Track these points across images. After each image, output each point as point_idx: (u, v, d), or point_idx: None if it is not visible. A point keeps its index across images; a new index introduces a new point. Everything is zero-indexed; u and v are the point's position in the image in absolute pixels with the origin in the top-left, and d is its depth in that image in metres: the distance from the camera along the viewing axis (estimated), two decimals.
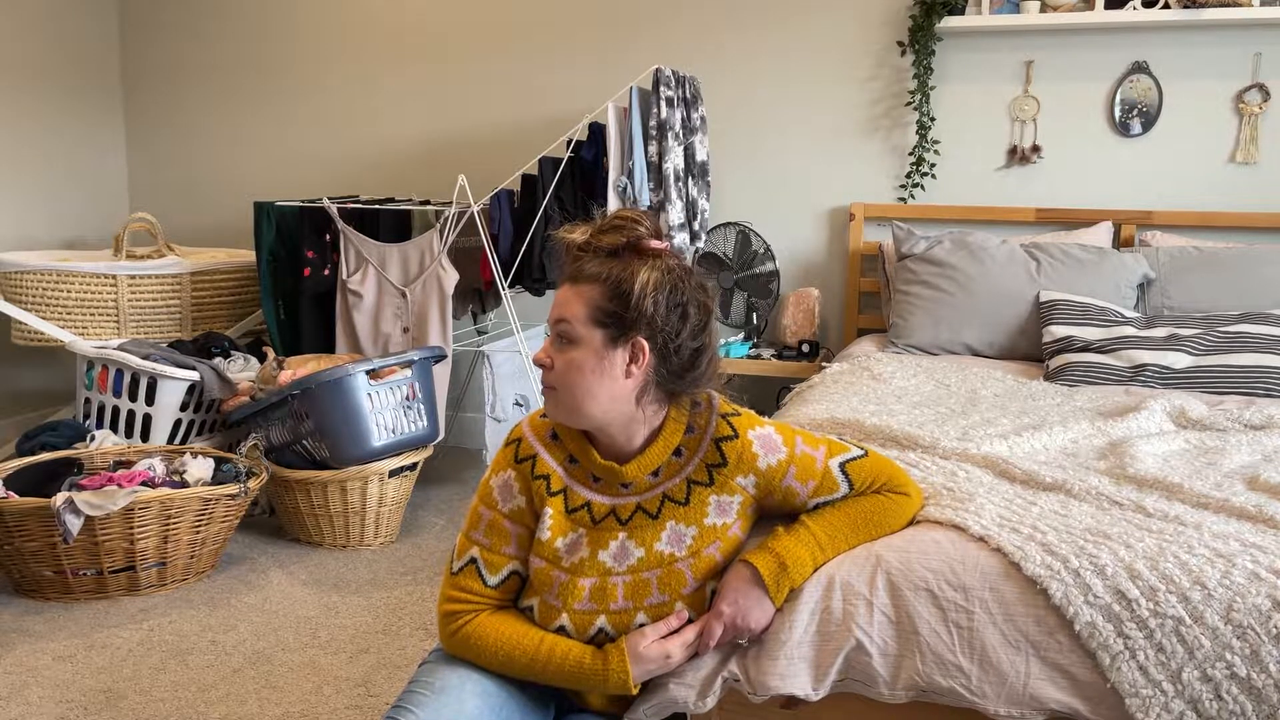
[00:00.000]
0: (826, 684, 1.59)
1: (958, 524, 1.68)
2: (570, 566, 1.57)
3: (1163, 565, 1.54)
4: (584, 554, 1.57)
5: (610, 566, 1.57)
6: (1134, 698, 1.47)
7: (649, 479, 1.59)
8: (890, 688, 1.58)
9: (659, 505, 1.58)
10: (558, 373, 1.52)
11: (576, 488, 1.60)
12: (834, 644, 1.59)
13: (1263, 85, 3.57)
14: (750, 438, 1.60)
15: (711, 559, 1.58)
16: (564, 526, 1.59)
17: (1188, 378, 2.87)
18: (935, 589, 1.58)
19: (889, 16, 3.86)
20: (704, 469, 1.59)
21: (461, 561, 1.62)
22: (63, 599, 2.87)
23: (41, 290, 3.75)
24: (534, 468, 1.61)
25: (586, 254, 1.53)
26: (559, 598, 1.56)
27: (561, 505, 1.59)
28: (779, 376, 3.95)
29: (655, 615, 1.56)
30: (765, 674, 1.57)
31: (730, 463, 1.59)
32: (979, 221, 3.83)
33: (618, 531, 1.58)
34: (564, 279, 1.54)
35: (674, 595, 1.56)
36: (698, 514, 1.58)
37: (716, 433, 1.59)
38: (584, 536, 1.58)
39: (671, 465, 1.59)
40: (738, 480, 1.59)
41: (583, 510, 1.59)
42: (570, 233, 1.55)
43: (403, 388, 3.31)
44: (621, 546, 1.57)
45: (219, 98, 4.69)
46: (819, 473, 1.61)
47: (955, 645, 1.55)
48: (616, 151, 3.50)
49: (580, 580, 1.56)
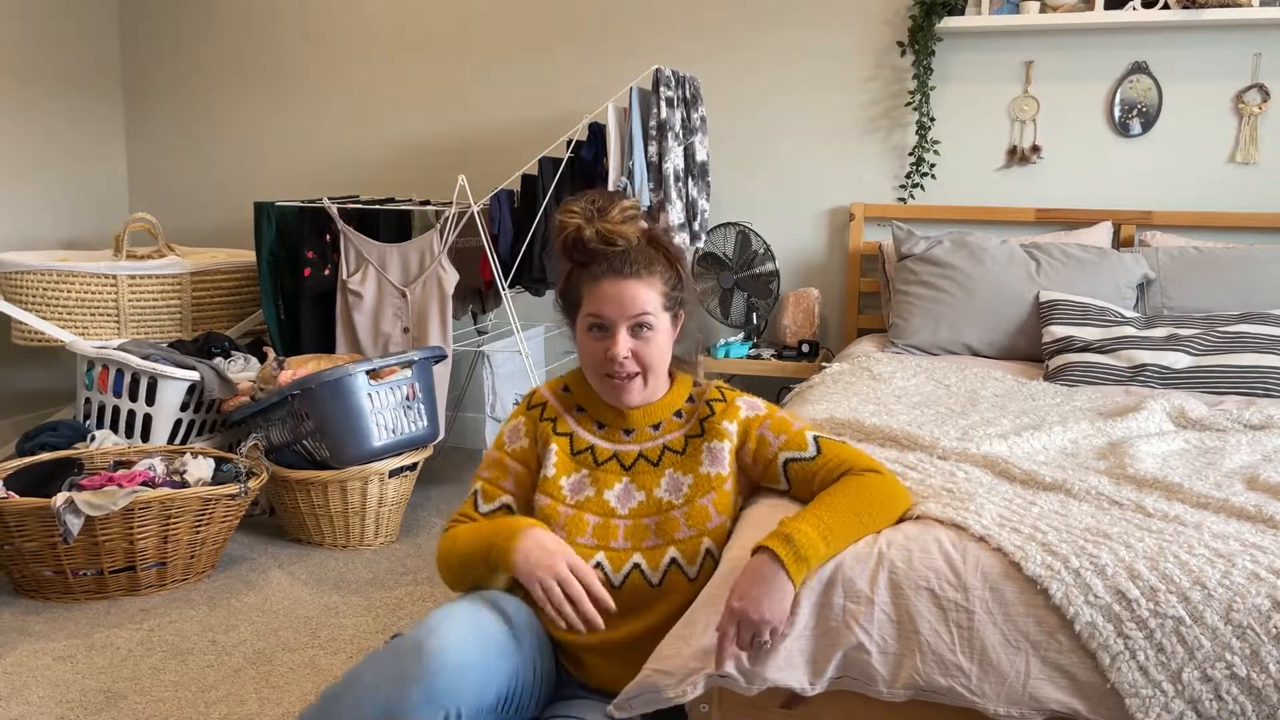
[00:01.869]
0: (824, 680, 1.59)
1: (958, 523, 1.68)
2: (577, 503, 1.71)
3: (1163, 565, 1.54)
4: (590, 493, 1.71)
5: (614, 507, 1.70)
6: (1134, 698, 1.47)
7: (650, 430, 1.75)
8: (889, 686, 1.58)
9: (660, 454, 1.73)
10: (645, 361, 1.68)
11: (581, 432, 1.76)
12: (833, 640, 1.59)
13: (1262, 85, 3.57)
14: (738, 401, 1.79)
15: (705, 510, 1.69)
16: (569, 466, 1.74)
17: (1187, 378, 2.87)
18: (936, 588, 1.58)
19: (889, 16, 3.87)
20: (697, 424, 1.76)
21: (469, 493, 1.82)
22: (63, 599, 2.87)
23: (42, 290, 3.75)
24: (544, 412, 1.79)
25: (631, 247, 1.67)
26: (564, 529, 1.69)
27: (567, 445, 1.75)
28: (779, 376, 3.95)
29: (649, 558, 1.67)
30: (761, 665, 1.57)
31: (718, 414, 1.76)
32: (979, 221, 3.84)
33: (622, 475, 1.72)
34: (619, 274, 1.66)
35: (668, 540, 1.68)
36: (692, 462, 1.72)
37: (710, 396, 1.79)
38: (588, 477, 1.73)
39: (672, 424, 1.76)
40: (723, 424, 1.74)
41: (586, 453, 1.74)
42: (584, 224, 1.67)
43: (403, 388, 3.31)
44: (625, 489, 1.71)
45: (219, 98, 4.69)
46: (791, 431, 1.74)
47: (955, 644, 1.56)
48: (616, 151, 3.50)
49: (586, 515, 1.70)
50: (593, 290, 1.67)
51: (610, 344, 1.67)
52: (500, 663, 1.51)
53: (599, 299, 1.66)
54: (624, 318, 1.66)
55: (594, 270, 1.68)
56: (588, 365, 1.72)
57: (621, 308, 1.65)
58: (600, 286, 1.66)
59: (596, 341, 1.69)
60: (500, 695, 1.51)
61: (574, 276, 1.72)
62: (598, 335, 1.68)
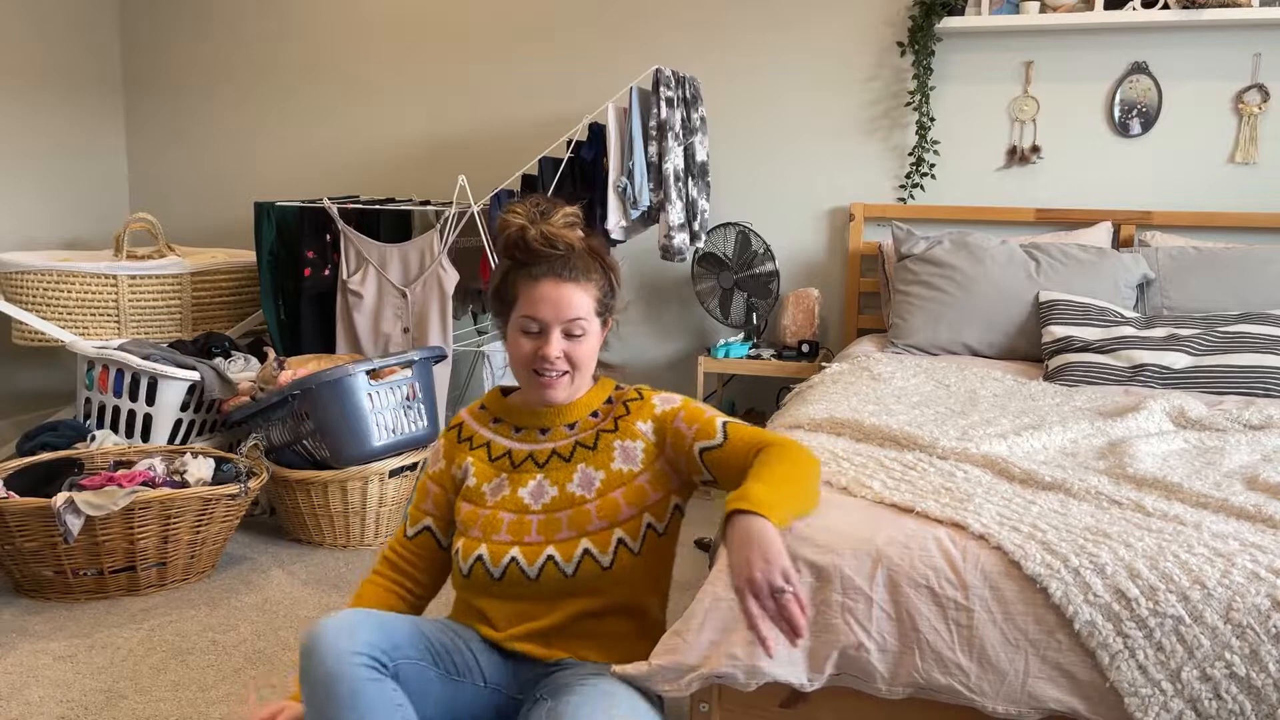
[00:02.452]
0: (822, 677, 1.60)
1: (958, 521, 1.68)
2: (494, 504, 1.77)
3: (1162, 564, 1.54)
4: (506, 492, 1.78)
5: (528, 504, 1.75)
6: (1133, 697, 1.47)
7: (565, 429, 1.80)
8: (889, 684, 1.58)
9: (571, 450, 1.79)
10: (575, 361, 1.74)
11: (498, 439, 1.83)
12: (832, 637, 1.59)
13: (1262, 85, 3.57)
14: (654, 399, 1.83)
15: (615, 503, 1.74)
16: (488, 472, 1.81)
17: (1187, 378, 2.87)
18: (935, 586, 1.58)
19: (889, 16, 3.87)
20: (612, 420, 1.81)
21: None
22: (63, 599, 2.87)
23: (42, 290, 3.75)
24: (460, 432, 1.88)
25: (571, 252, 1.73)
26: (480, 529, 1.75)
27: (485, 455, 1.83)
28: (779, 376, 3.95)
29: (562, 550, 1.70)
30: (760, 660, 1.57)
31: (633, 412, 1.81)
32: (978, 222, 3.84)
33: (535, 473, 1.78)
34: (558, 277, 1.72)
35: (580, 532, 1.72)
36: (604, 458, 1.77)
37: (627, 397, 1.84)
38: (506, 479, 1.79)
39: (587, 423, 1.81)
40: (638, 425, 1.79)
41: (504, 457, 1.81)
42: (528, 225, 1.71)
43: (403, 388, 3.31)
44: (538, 485, 1.77)
45: (220, 98, 4.69)
46: (703, 420, 1.77)
47: (954, 643, 1.56)
48: (616, 152, 3.50)
49: (501, 513, 1.76)
50: (530, 291, 1.72)
51: (543, 344, 1.72)
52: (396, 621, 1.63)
53: (536, 300, 1.72)
54: (559, 320, 1.72)
55: (533, 271, 1.73)
56: (517, 361, 1.77)
57: (558, 310, 1.71)
58: (539, 287, 1.72)
59: (529, 340, 1.74)
60: (406, 641, 1.60)
61: (511, 276, 1.76)
62: (531, 335, 1.73)
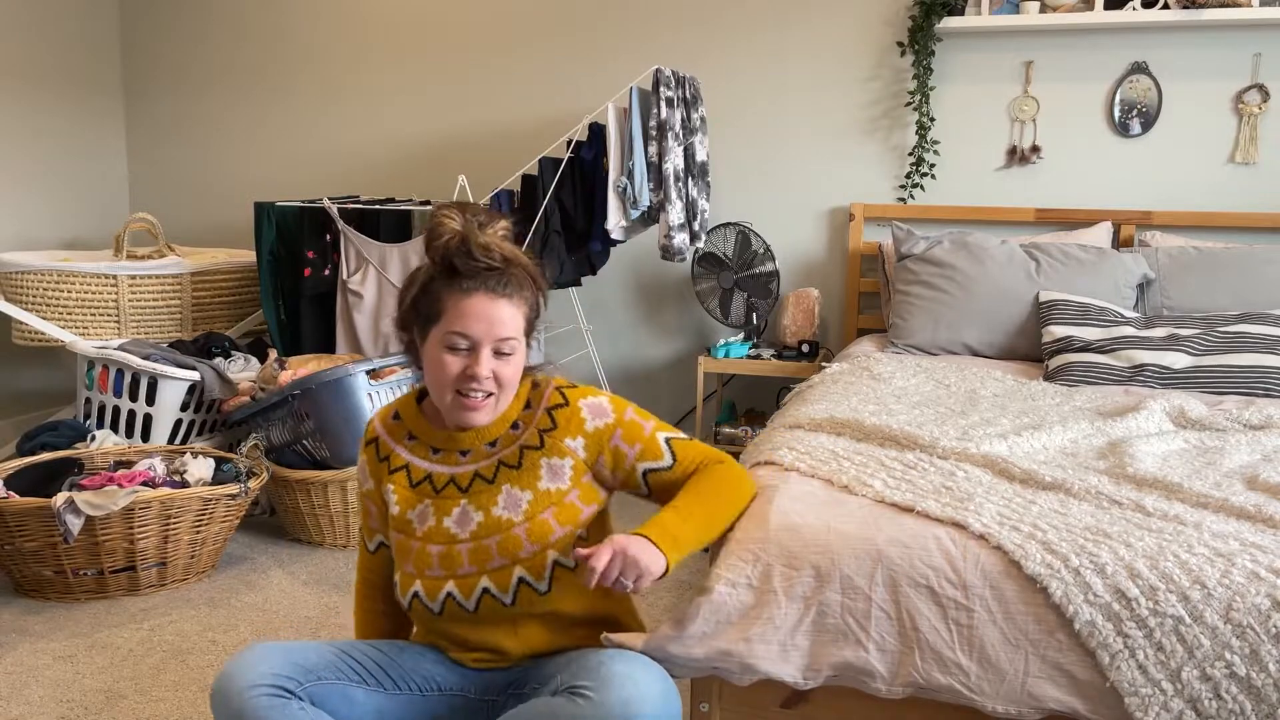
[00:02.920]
0: (819, 677, 1.60)
1: (958, 521, 1.68)
2: (421, 535, 1.67)
3: (1162, 564, 1.54)
4: (431, 523, 1.67)
5: (455, 533, 1.66)
6: (1133, 697, 1.47)
7: (486, 448, 1.69)
8: (888, 684, 1.58)
9: (494, 471, 1.67)
10: (503, 381, 1.63)
11: (417, 462, 1.71)
12: (831, 637, 1.59)
13: (1262, 85, 3.57)
14: (580, 405, 1.70)
15: (546, 524, 1.64)
16: (410, 499, 1.70)
17: (1187, 378, 2.87)
18: (935, 586, 1.58)
19: (889, 16, 3.87)
20: (536, 434, 1.69)
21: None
22: (63, 599, 2.87)
23: (42, 290, 3.75)
24: (378, 450, 1.75)
25: (507, 266, 1.61)
26: (413, 564, 1.67)
27: (405, 480, 1.71)
28: (779, 376, 3.95)
29: (496, 580, 1.63)
30: (757, 658, 1.57)
31: (560, 425, 1.69)
32: (978, 222, 3.84)
33: (459, 498, 1.67)
34: (492, 292, 1.60)
35: (512, 559, 1.63)
36: (530, 477, 1.67)
37: (549, 402, 1.70)
38: (430, 506, 1.68)
39: (509, 437, 1.69)
40: (566, 442, 1.68)
41: (425, 482, 1.70)
42: (468, 234, 1.59)
43: (403, 388, 3.31)
44: (463, 512, 1.66)
45: (220, 98, 4.69)
46: (645, 439, 1.70)
47: (954, 643, 1.56)
48: (616, 152, 3.50)
49: (430, 547, 1.66)
50: (460, 305, 1.59)
51: (472, 363, 1.59)
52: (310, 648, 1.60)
53: (466, 315, 1.58)
54: (490, 338, 1.59)
55: (463, 284, 1.59)
56: (439, 381, 1.62)
57: (490, 328, 1.59)
58: (470, 302, 1.59)
59: (455, 359, 1.60)
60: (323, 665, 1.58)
61: (436, 286, 1.62)
62: (459, 353, 1.60)
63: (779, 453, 2.07)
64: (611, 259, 4.06)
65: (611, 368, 4.30)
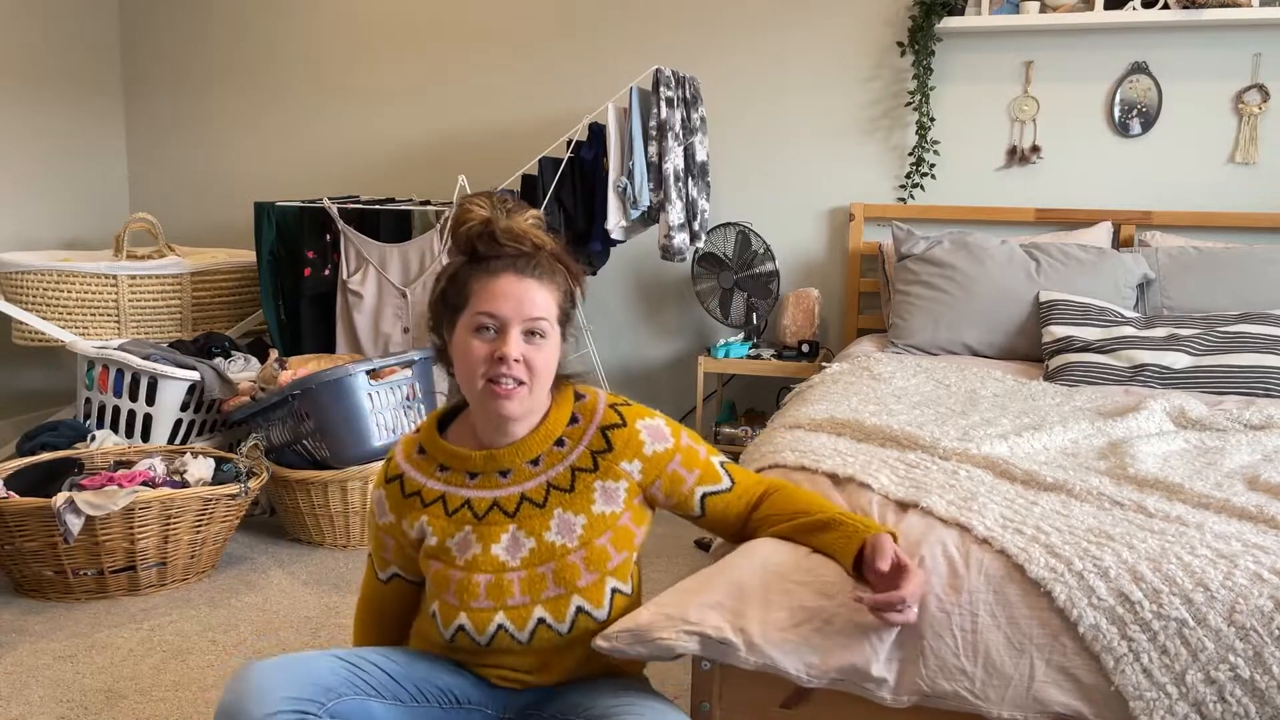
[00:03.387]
0: (824, 679, 1.59)
1: (962, 523, 1.68)
2: (465, 564, 1.56)
3: (1166, 567, 1.54)
4: (476, 550, 1.56)
5: (504, 560, 1.55)
6: (1138, 700, 1.47)
7: (528, 467, 1.59)
8: (894, 693, 1.57)
9: (545, 494, 1.58)
10: (534, 369, 1.53)
11: (453, 490, 1.60)
12: (834, 644, 1.59)
13: (1262, 85, 3.58)
14: (639, 426, 1.62)
15: (604, 550, 1.56)
16: (449, 528, 1.58)
17: (1187, 378, 2.87)
18: (939, 591, 1.58)
19: (889, 16, 3.87)
20: (589, 456, 1.59)
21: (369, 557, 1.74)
22: (63, 599, 2.87)
23: (42, 290, 3.75)
24: (403, 487, 1.63)
25: (537, 251, 1.56)
26: (456, 596, 1.55)
27: (441, 511, 1.60)
28: (779, 376, 3.95)
29: (553, 610, 1.54)
30: (767, 640, 1.54)
31: (616, 448, 1.60)
32: (979, 222, 3.84)
33: (507, 524, 1.57)
34: (520, 273, 1.53)
35: (570, 589, 1.54)
36: (584, 501, 1.58)
37: (604, 421, 1.61)
38: (471, 533, 1.57)
39: (553, 455, 1.59)
40: (623, 465, 1.59)
41: (464, 509, 1.59)
42: (494, 219, 1.53)
43: (403, 388, 3.31)
44: (513, 538, 1.56)
45: (220, 98, 4.68)
46: (702, 463, 1.64)
47: (959, 649, 1.55)
48: (616, 152, 3.50)
49: (476, 577, 1.55)
50: (487, 286, 1.52)
51: (501, 344, 1.51)
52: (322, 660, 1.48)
53: (494, 296, 1.51)
54: (519, 318, 1.51)
55: (492, 266, 1.53)
56: (468, 370, 1.54)
57: (519, 307, 1.51)
58: (497, 282, 1.52)
59: (484, 342, 1.52)
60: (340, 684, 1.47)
61: (463, 274, 1.56)
62: (487, 336, 1.52)
63: (781, 455, 2.07)
64: (611, 259, 4.06)
65: (611, 368, 4.29)
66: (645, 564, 3.13)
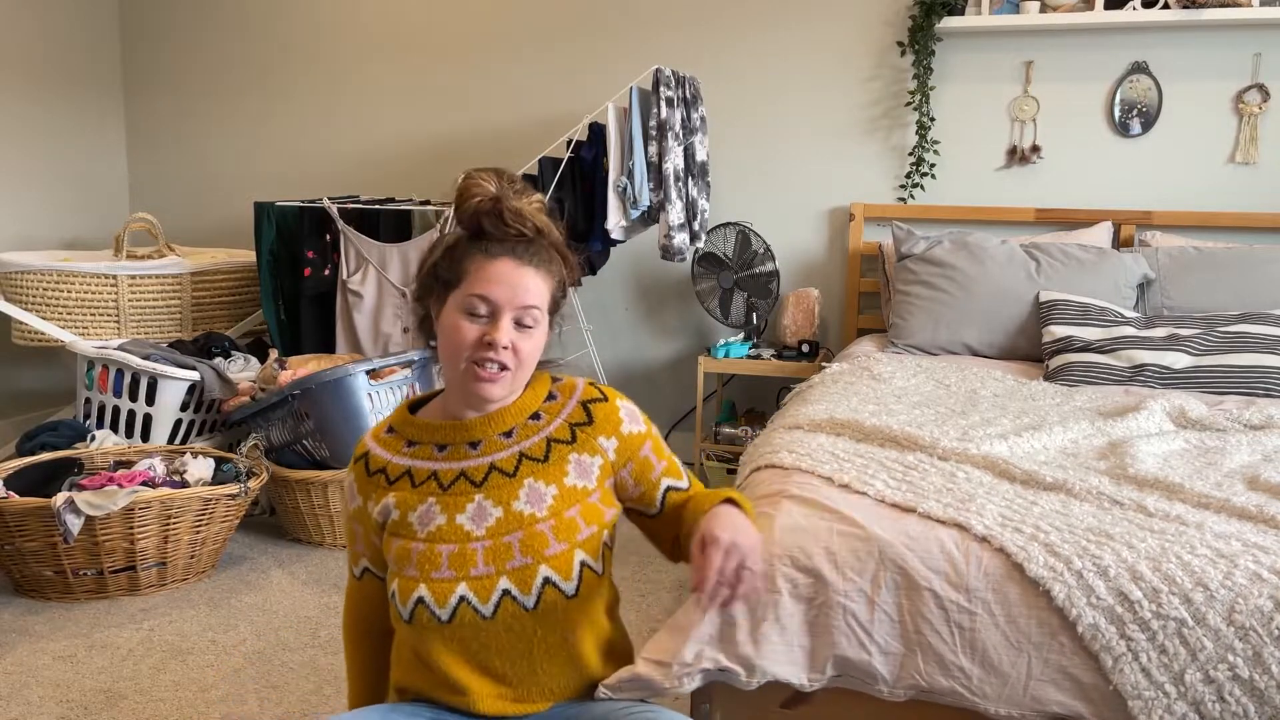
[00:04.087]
0: (823, 678, 1.59)
1: (960, 523, 1.68)
2: (427, 535, 1.51)
3: (1165, 566, 1.54)
4: (440, 521, 1.51)
5: (469, 530, 1.50)
6: (1137, 700, 1.47)
7: (500, 438, 1.55)
8: (890, 687, 1.58)
9: (516, 463, 1.54)
10: (521, 356, 1.51)
11: (419, 464, 1.56)
12: (833, 639, 1.59)
13: (1262, 85, 3.57)
14: (618, 405, 1.59)
15: (573, 521, 1.51)
16: (411, 501, 1.53)
17: (1187, 378, 2.87)
18: (938, 589, 1.58)
19: (889, 16, 3.87)
20: (567, 427, 1.56)
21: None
22: (63, 599, 2.87)
23: (42, 290, 3.75)
24: (368, 465, 1.59)
25: (538, 237, 1.53)
26: (416, 567, 1.49)
27: (407, 485, 1.55)
28: (779, 376, 3.95)
29: (519, 580, 1.47)
30: (762, 659, 1.57)
31: (596, 422, 1.57)
32: (979, 222, 3.84)
33: (473, 494, 1.52)
34: (518, 259, 1.50)
35: (537, 558, 1.48)
36: (557, 472, 1.53)
37: (584, 395, 1.59)
38: (435, 504, 1.52)
39: (528, 427, 1.56)
40: (600, 440, 1.56)
41: (429, 480, 1.54)
42: (501, 197, 1.50)
43: (403, 388, 3.31)
44: (479, 507, 1.51)
45: (219, 98, 4.68)
46: (667, 456, 1.61)
47: (957, 645, 1.56)
48: (616, 152, 3.50)
49: (438, 547, 1.49)
50: (484, 268, 1.48)
51: (492, 329, 1.48)
52: None
53: (489, 279, 1.48)
54: (512, 305, 1.48)
55: (491, 249, 1.50)
56: (453, 349, 1.50)
57: (514, 293, 1.48)
58: (494, 266, 1.48)
59: (473, 325, 1.48)
60: None
61: (460, 249, 1.52)
62: (477, 318, 1.49)
63: (779, 455, 2.07)
64: (611, 259, 4.06)
65: (611, 368, 4.29)
66: (645, 563, 3.13)
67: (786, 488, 1.89)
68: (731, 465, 3.77)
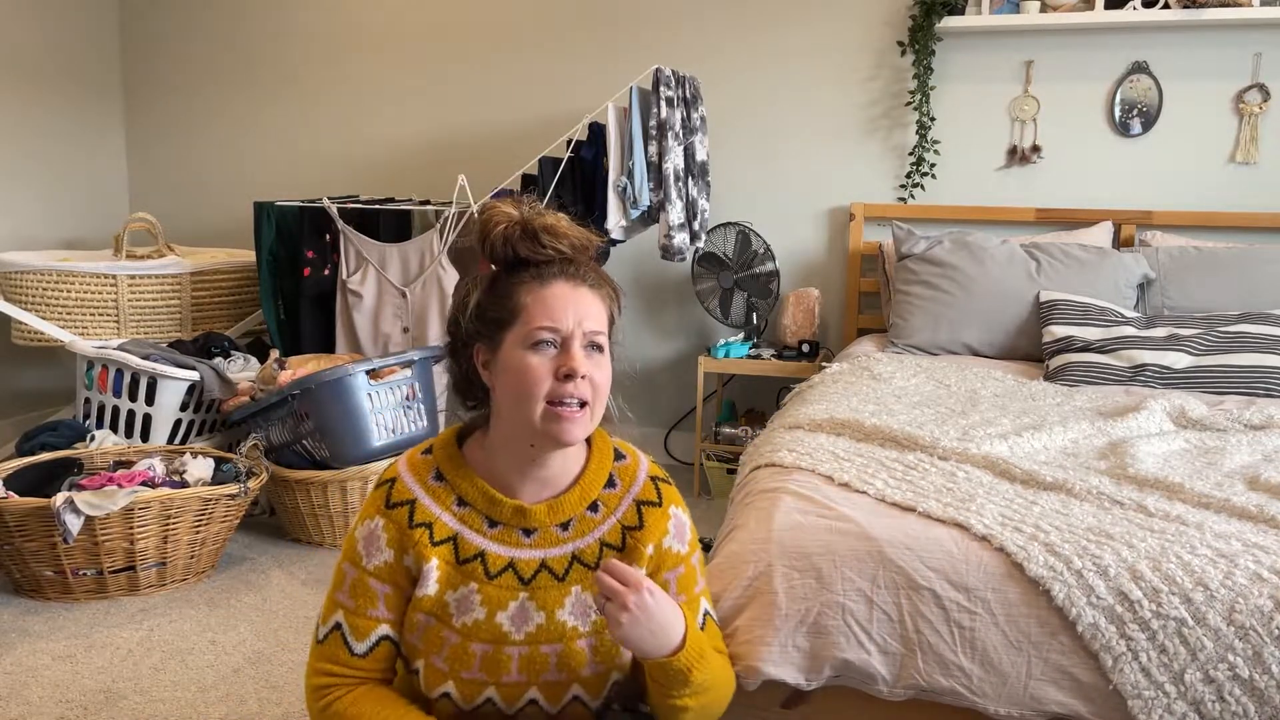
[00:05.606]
0: (821, 678, 1.59)
1: (960, 522, 1.68)
2: (462, 628, 1.38)
3: (1165, 566, 1.54)
4: (479, 615, 1.37)
5: (507, 631, 1.37)
6: (1136, 699, 1.47)
7: (557, 530, 1.40)
8: (890, 686, 1.58)
9: (567, 566, 1.39)
10: (599, 388, 1.36)
11: (468, 534, 1.39)
12: (832, 639, 1.59)
13: (1263, 85, 3.57)
14: (671, 513, 1.45)
15: (613, 646, 1.39)
16: (453, 579, 1.38)
17: (1188, 378, 2.87)
18: (938, 589, 1.58)
19: (889, 16, 3.86)
20: (619, 531, 1.42)
21: (326, 628, 1.42)
22: (63, 599, 2.87)
23: (42, 290, 3.75)
24: (412, 515, 1.39)
25: (579, 255, 1.40)
26: (447, 663, 1.38)
27: (450, 555, 1.38)
28: (779, 376, 3.95)
29: (548, 693, 1.38)
30: (760, 660, 1.57)
31: (646, 527, 1.42)
32: (979, 221, 3.83)
33: (518, 592, 1.38)
34: (573, 279, 1.37)
35: (571, 676, 1.38)
36: None
37: (641, 494, 1.44)
38: (476, 593, 1.38)
39: (585, 521, 1.41)
40: (646, 549, 1.42)
41: (475, 561, 1.38)
42: (529, 219, 1.36)
43: (403, 388, 3.31)
44: (521, 608, 1.38)
45: (219, 98, 4.68)
46: (692, 594, 1.47)
47: (957, 645, 1.55)
48: (616, 151, 3.50)
49: (473, 646, 1.37)
50: (541, 296, 1.34)
51: (566, 359, 1.32)
52: None
53: (550, 306, 1.33)
54: (581, 329, 1.34)
55: (542, 273, 1.35)
56: (524, 391, 1.33)
57: (580, 315, 1.34)
58: (551, 291, 1.34)
59: (543, 360, 1.33)
60: None
61: (504, 283, 1.37)
62: (547, 351, 1.33)
63: (779, 454, 2.07)
64: (611, 259, 4.06)
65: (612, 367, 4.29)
66: None
67: (786, 485, 1.89)
68: (731, 465, 3.77)
